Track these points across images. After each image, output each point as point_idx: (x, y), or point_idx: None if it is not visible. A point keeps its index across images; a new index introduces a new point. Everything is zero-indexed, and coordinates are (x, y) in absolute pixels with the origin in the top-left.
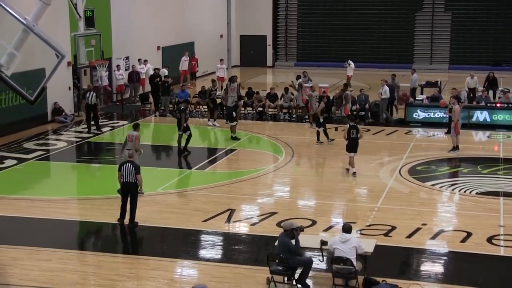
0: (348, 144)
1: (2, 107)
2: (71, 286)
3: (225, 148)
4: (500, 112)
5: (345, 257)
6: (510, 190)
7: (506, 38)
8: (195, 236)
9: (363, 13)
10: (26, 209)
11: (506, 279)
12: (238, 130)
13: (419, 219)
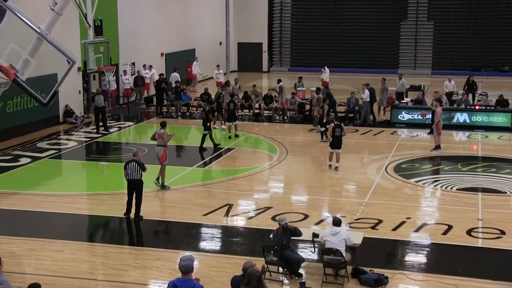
0: (332, 141)
1: (18, 110)
2: (81, 275)
3: (224, 148)
4: (479, 114)
5: (335, 248)
6: (488, 186)
7: (484, 45)
8: (195, 229)
9: (352, 21)
10: (40, 203)
11: (484, 268)
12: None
13: (403, 213)
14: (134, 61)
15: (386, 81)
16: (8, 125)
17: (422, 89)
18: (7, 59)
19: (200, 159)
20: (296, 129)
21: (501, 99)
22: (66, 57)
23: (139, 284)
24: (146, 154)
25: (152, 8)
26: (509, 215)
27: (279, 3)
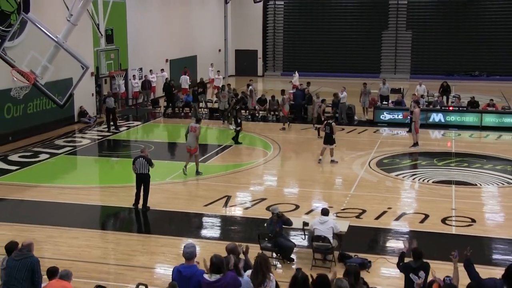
0: (324, 137)
1: (37, 110)
2: (95, 260)
3: (223, 144)
4: (453, 114)
5: (323, 236)
6: (461, 179)
7: (456, 52)
8: (197, 218)
9: (339, 31)
10: (57, 195)
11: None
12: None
13: (385, 203)
14: (141, 66)
15: (367, 85)
16: (29, 124)
17: (401, 91)
18: (28, 65)
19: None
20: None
21: (473, 100)
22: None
23: (146, 267)
24: (152, 150)
25: (157, 19)
26: (479, 205)
27: (273, 14)
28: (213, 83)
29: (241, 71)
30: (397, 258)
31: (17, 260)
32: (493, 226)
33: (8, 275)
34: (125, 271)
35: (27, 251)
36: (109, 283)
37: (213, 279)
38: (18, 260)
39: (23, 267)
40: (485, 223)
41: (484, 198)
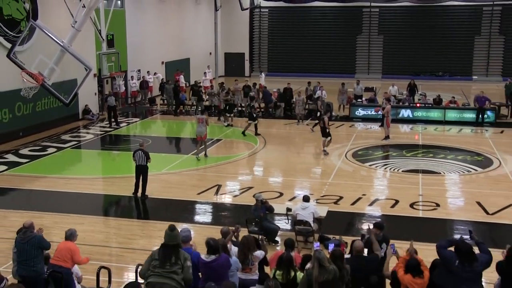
0: (321, 131)
1: (45, 108)
2: (98, 243)
3: (213, 139)
4: (419, 110)
5: (305, 220)
6: (427, 168)
7: (423, 55)
8: (191, 205)
9: (318, 35)
10: (63, 185)
11: (424, 233)
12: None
13: (360, 191)
14: (139, 68)
15: (345, 84)
16: (38, 121)
17: (374, 90)
18: (36, 67)
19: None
20: (272, 123)
21: (438, 98)
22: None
23: (145, 250)
24: (150, 144)
25: (154, 25)
26: (443, 191)
27: (258, 20)
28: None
29: (230, 72)
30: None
31: (24, 242)
32: (454, 209)
33: (19, 256)
34: (126, 253)
35: (30, 232)
36: (112, 264)
37: (210, 259)
38: (25, 243)
39: (31, 247)
40: (448, 207)
41: (447, 185)
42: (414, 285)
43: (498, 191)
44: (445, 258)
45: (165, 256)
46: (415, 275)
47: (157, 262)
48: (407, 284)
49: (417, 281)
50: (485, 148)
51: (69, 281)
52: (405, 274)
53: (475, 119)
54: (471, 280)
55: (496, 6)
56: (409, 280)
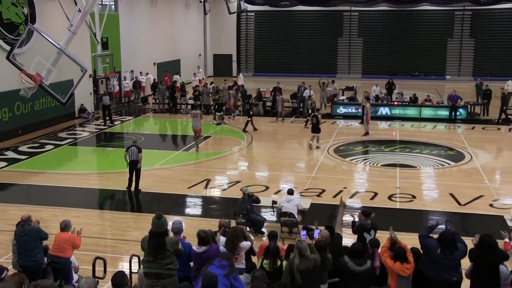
0: (311, 127)
1: (43, 108)
2: (94, 235)
3: (203, 136)
4: (397, 108)
5: (289, 212)
6: (404, 163)
7: (400, 56)
8: (182, 199)
9: (301, 37)
10: (61, 180)
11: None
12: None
13: (341, 184)
14: (132, 69)
15: (325, 83)
16: (36, 120)
17: (354, 89)
18: (34, 68)
19: (185, 145)
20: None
21: (414, 97)
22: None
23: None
24: (143, 141)
25: (146, 28)
26: (419, 184)
27: (245, 23)
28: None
29: (219, 73)
30: (350, 227)
31: (22, 235)
32: (429, 201)
33: (19, 247)
34: (120, 245)
35: (28, 225)
36: (107, 255)
37: (201, 250)
38: (24, 235)
39: (30, 239)
40: (423, 199)
41: (423, 178)
42: (405, 270)
43: (469, 183)
44: (427, 247)
45: (155, 250)
46: (403, 262)
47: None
48: (398, 271)
49: (406, 266)
50: (457, 143)
51: (67, 271)
52: (394, 263)
53: (448, 116)
54: (451, 268)
55: (466, 11)
56: (400, 267)
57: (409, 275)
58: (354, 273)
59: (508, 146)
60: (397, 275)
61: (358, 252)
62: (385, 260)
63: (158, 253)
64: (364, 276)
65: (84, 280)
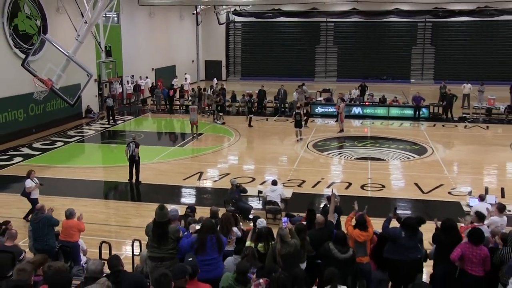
0: (294, 123)
1: (54, 109)
2: (100, 222)
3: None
4: (368, 108)
5: (273, 200)
6: (374, 156)
7: (371, 61)
8: (178, 189)
9: (284, 45)
10: (70, 173)
11: (372, 210)
12: (206, 120)
13: (319, 175)
14: (133, 74)
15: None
16: (48, 119)
17: (330, 91)
18: (46, 74)
19: (181, 141)
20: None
21: (383, 98)
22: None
23: (139, 227)
24: (142, 138)
25: (145, 37)
26: (387, 175)
27: (233, 33)
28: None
29: (210, 77)
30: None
31: (36, 222)
32: (397, 189)
33: (34, 233)
34: (123, 230)
35: (41, 213)
36: (112, 239)
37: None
38: (37, 222)
39: (43, 226)
40: (391, 188)
41: (391, 170)
42: (361, 236)
43: (431, 174)
44: (393, 235)
45: (159, 237)
46: (361, 229)
47: (153, 243)
48: (355, 237)
49: (363, 233)
50: (421, 139)
51: (76, 253)
52: (354, 229)
53: (413, 115)
54: (414, 248)
55: (428, 23)
56: (357, 233)
57: (364, 241)
58: (337, 260)
59: (464, 141)
60: (354, 241)
61: (342, 239)
62: (347, 227)
63: (162, 240)
64: (346, 263)
65: (91, 262)
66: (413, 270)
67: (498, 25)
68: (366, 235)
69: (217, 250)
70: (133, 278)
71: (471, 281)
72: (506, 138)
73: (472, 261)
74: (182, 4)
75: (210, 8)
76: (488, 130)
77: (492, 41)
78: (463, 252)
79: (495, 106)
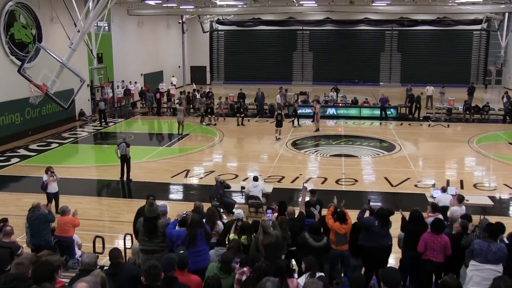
0: (275, 123)
1: (49, 112)
2: (94, 217)
3: (182, 134)
4: (341, 108)
5: (255, 195)
6: (348, 153)
7: (344, 66)
8: (166, 186)
9: (263, 51)
10: (65, 172)
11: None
12: (191, 122)
13: (297, 171)
14: (123, 79)
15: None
16: (43, 122)
17: (307, 93)
18: (41, 80)
19: (168, 141)
20: (227, 120)
21: (354, 99)
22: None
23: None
24: (133, 139)
25: (134, 44)
26: (360, 170)
27: (216, 40)
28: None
29: (195, 81)
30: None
31: (33, 220)
32: (369, 183)
33: (31, 229)
34: (115, 225)
35: (37, 210)
36: (105, 234)
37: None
38: (34, 219)
39: (39, 223)
40: (363, 182)
41: (363, 165)
42: (341, 229)
43: (399, 169)
44: (367, 223)
45: (150, 232)
46: (342, 222)
47: (144, 237)
48: (336, 229)
49: (343, 226)
50: (389, 137)
51: (71, 248)
52: (334, 222)
53: (379, 115)
54: (384, 236)
55: (394, 31)
56: (338, 226)
57: (344, 233)
58: (312, 248)
59: (427, 138)
60: (335, 232)
61: (316, 229)
62: (328, 221)
63: (152, 234)
64: (321, 250)
65: (86, 255)
66: (385, 256)
67: (456, 34)
68: (347, 227)
69: (205, 241)
70: (131, 271)
71: (432, 267)
72: (464, 135)
73: (433, 249)
74: (169, 14)
75: (195, 18)
76: (449, 128)
77: (451, 48)
78: (426, 241)
79: (454, 106)
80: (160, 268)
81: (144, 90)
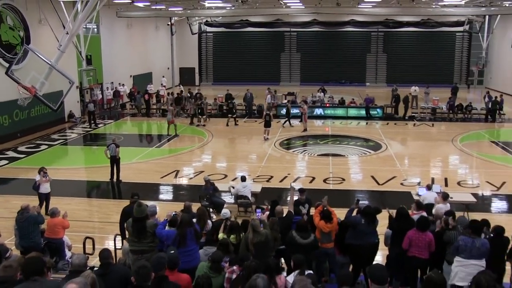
0: (264, 123)
1: (38, 114)
2: (84, 219)
3: (176, 133)
4: (329, 109)
5: (244, 195)
6: (335, 152)
7: (331, 66)
8: (156, 187)
9: (251, 53)
10: (54, 174)
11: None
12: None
13: (286, 171)
14: (112, 81)
15: (270, 89)
16: (32, 124)
17: (294, 94)
18: (30, 81)
19: (158, 142)
20: (216, 121)
21: (341, 100)
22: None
23: None
24: (122, 140)
25: (123, 46)
26: (347, 169)
27: (205, 42)
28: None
29: (184, 82)
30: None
31: (22, 221)
32: (356, 182)
33: (20, 231)
34: (106, 226)
35: (26, 212)
36: (95, 235)
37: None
38: (23, 221)
39: (28, 224)
40: (351, 181)
41: (350, 164)
42: (326, 228)
43: (385, 168)
44: (354, 222)
45: (138, 232)
46: (327, 221)
47: (133, 237)
48: (321, 228)
49: (328, 225)
50: (376, 136)
51: (61, 249)
52: (319, 220)
53: (365, 115)
54: (371, 234)
55: (380, 32)
56: (323, 225)
57: (329, 232)
58: (300, 245)
59: (413, 137)
60: (320, 231)
61: (303, 227)
62: (315, 219)
63: (141, 235)
64: (308, 248)
65: (76, 256)
66: (372, 253)
67: (439, 35)
68: (331, 226)
69: (195, 241)
70: (121, 271)
71: (418, 263)
72: (448, 134)
73: (418, 246)
74: (158, 16)
75: (184, 20)
76: (433, 127)
77: (435, 49)
78: (411, 239)
79: (439, 106)
80: (150, 269)
81: (133, 92)
